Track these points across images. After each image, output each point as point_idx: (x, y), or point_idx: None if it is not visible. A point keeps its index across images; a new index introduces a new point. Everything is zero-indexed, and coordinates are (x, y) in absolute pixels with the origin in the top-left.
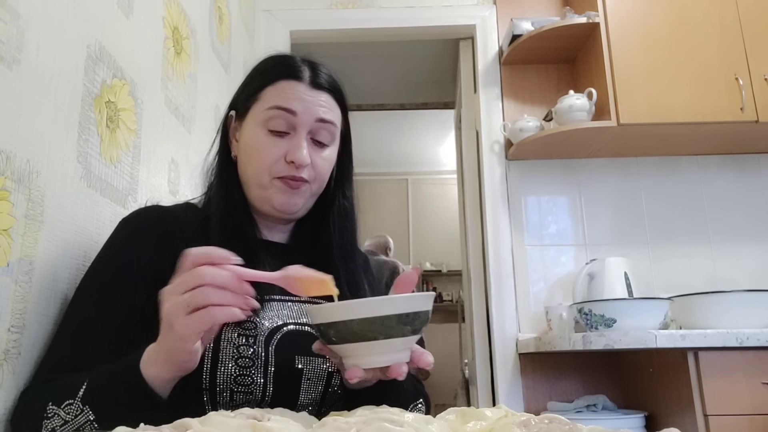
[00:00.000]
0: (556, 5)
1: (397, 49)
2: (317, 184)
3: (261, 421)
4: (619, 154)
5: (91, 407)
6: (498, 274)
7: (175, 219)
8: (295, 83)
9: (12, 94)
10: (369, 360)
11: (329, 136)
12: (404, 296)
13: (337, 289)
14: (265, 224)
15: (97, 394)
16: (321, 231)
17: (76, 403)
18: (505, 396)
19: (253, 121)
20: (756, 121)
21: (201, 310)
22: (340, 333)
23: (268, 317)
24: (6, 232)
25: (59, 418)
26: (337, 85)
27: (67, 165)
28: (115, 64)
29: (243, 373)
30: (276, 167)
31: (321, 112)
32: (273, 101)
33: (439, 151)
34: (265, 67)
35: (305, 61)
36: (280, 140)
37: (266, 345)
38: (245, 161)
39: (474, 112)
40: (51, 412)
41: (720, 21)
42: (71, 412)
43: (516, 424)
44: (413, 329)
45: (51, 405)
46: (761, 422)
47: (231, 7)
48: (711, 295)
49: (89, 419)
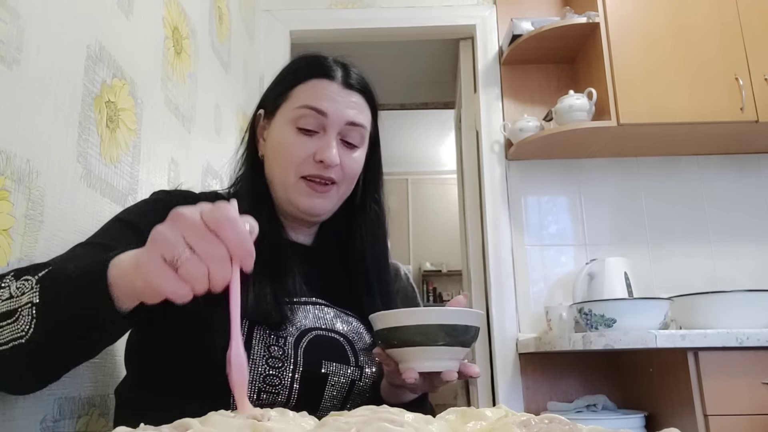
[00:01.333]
0: (556, 5)
1: (397, 49)
2: (345, 186)
3: (261, 421)
4: (619, 154)
5: (41, 289)
6: (498, 274)
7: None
8: (327, 82)
9: (12, 94)
10: (425, 364)
11: (359, 137)
12: (462, 310)
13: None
14: (290, 225)
15: (55, 279)
16: (348, 235)
17: (33, 279)
18: (505, 396)
19: (282, 120)
20: (756, 121)
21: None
22: (402, 337)
23: (297, 320)
24: (6, 232)
25: (7, 292)
26: (369, 86)
27: (67, 165)
28: (115, 64)
29: (272, 373)
30: (303, 166)
31: (351, 115)
32: (304, 100)
33: (439, 151)
34: (297, 66)
35: (337, 61)
36: (309, 139)
37: (296, 347)
38: (272, 160)
39: (474, 112)
40: (4, 283)
41: (720, 21)
42: (22, 287)
43: (516, 424)
44: (465, 342)
45: (9, 276)
46: (761, 422)
47: (231, 7)
48: (711, 295)
49: (32, 301)
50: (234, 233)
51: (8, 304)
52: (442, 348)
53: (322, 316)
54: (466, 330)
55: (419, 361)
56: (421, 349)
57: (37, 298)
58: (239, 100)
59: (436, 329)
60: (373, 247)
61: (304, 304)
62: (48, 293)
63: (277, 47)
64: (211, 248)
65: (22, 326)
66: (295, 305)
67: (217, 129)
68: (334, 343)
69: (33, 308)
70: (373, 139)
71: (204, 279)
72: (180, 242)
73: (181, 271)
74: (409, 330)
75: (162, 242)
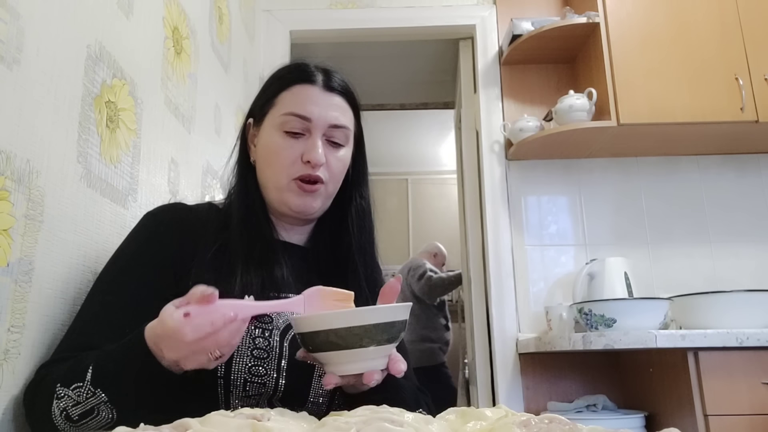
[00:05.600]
0: (556, 5)
1: (397, 49)
2: (332, 184)
3: (261, 421)
4: (619, 154)
5: (102, 389)
6: (498, 274)
7: (197, 218)
8: (309, 87)
9: (12, 94)
10: (344, 368)
11: (343, 137)
12: (378, 308)
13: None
14: (283, 226)
15: (106, 375)
16: (340, 233)
17: (86, 386)
18: (505, 396)
19: (270, 126)
20: (756, 121)
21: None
22: (318, 342)
23: (283, 314)
24: (6, 232)
25: (70, 399)
26: (350, 88)
27: (67, 165)
28: (115, 64)
29: (258, 364)
30: (293, 168)
31: (333, 117)
32: (288, 107)
33: (439, 151)
34: (280, 74)
35: (318, 67)
36: (296, 141)
37: (281, 339)
38: (263, 164)
39: (474, 112)
40: (61, 393)
41: (720, 21)
42: (81, 395)
43: (516, 424)
44: (388, 338)
45: (59, 386)
46: (761, 422)
47: (231, 7)
48: (711, 295)
49: (103, 400)
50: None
51: (78, 409)
52: (359, 350)
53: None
54: (389, 326)
55: (338, 365)
56: (336, 353)
57: (105, 396)
58: (239, 100)
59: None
60: (359, 237)
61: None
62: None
63: (277, 47)
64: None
65: (108, 416)
66: (282, 299)
67: (217, 129)
68: None
69: (107, 405)
70: (357, 138)
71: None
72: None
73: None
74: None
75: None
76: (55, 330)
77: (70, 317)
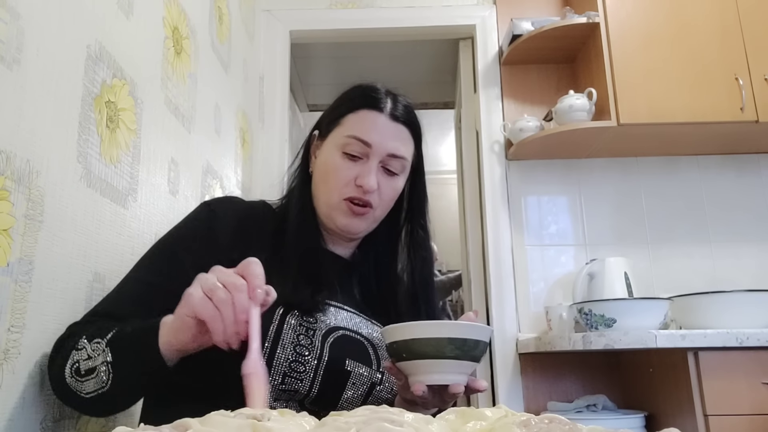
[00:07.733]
0: (556, 5)
1: (397, 49)
2: (380, 210)
3: (261, 421)
4: (619, 154)
5: (111, 350)
6: (498, 274)
7: (252, 216)
8: (376, 114)
9: (12, 94)
10: (434, 377)
11: (399, 166)
12: (471, 324)
13: None
14: (330, 238)
15: (120, 341)
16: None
17: (103, 342)
18: (505, 396)
19: (332, 144)
20: (756, 121)
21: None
22: (411, 350)
23: (327, 318)
24: (6, 232)
25: (85, 353)
26: (415, 119)
27: (67, 165)
28: (115, 64)
29: (299, 359)
30: (346, 189)
31: (393, 147)
32: (352, 130)
33: (439, 151)
34: (351, 96)
35: (389, 92)
36: (353, 164)
37: (323, 340)
38: (319, 179)
39: (474, 112)
40: (81, 345)
41: (720, 21)
42: (96, 349)
43: (516, 424)
44: (474, 356)
45: (83, 339)
46: (761, 422)
47: (231, 7)
48: (711, 295)
49: (107, 360)
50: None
51: (89, 363)
52: (451, 362)
53: (351, 320)
54: (475, 344)
55: (428, 374)
56: (429, 362)
57: (110, 357)
58: (239, 100)
59: (445, 342)
60: (422, 269)
61: (336, 307)
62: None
63: (277, 47)
64: (235, 281)
65: (103, 379)
66: (327, 305)
67: (216, 129)
68: (359, 344)
69: (109, 365)
70: (416, 168)
71: (230, 303)
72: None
73: (214, 298)
74: (418, 343)
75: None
76: (55, 330)
77: (71, 317)
